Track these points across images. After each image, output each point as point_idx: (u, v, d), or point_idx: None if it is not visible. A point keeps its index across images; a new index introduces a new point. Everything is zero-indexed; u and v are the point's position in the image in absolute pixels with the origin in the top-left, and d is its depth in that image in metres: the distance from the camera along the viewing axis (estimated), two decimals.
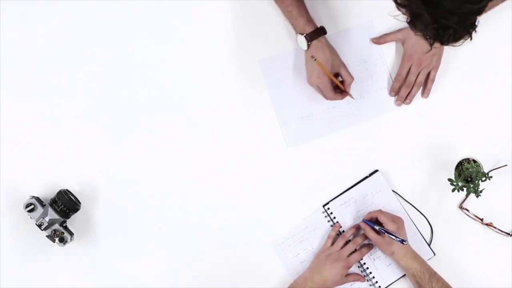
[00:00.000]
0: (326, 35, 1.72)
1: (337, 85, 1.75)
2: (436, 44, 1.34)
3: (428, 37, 1.31)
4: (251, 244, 1.80)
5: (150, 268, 1.79)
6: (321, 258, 1.75)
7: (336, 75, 1.74)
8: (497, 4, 1.73)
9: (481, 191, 1.67)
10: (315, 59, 1.69)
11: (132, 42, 1.81)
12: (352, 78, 1.74)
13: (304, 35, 1.69)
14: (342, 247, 1.75)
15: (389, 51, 1.81)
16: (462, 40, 1.31)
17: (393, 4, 1.35)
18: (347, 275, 1.75)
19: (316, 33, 1.70)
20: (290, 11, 1.71)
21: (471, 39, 1.31)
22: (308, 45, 1.70)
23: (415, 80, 1.78)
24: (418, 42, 1.74)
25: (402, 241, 1.68)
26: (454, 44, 1.32)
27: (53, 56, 1.80)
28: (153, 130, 1.80)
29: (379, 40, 1.80)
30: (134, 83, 1.81)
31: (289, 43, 1.77)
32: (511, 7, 1.77)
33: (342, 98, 1.76)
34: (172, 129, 1.80)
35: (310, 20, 1.71)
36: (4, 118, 1.79)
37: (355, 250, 1.76)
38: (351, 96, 1.76)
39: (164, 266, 1.79)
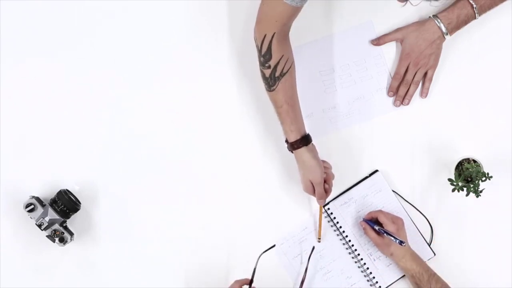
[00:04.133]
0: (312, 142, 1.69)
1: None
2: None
3: None
4: (251, 244, 1.79)
5: (150, 268, 1.79)
6: None
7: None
8: (496, 4, 1.74)
9: (481, 191, 1.67)
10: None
11: (133, 43, 1.81)
12: (323, 195, 1.71)
13: (288, 144, 1.68)
14: None
15: (389, 51, 1.81)
16: None
17: (393, 4, 1.36)
18: None
19: (299, 143, 1.66)
20: (279, 113, 1.66)
21: None
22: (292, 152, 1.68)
23: (413, 79, 1.78)
24: (416, 41, 1.75)
25: (400, 242, 1.68)
26: None
27: (52, 56, 1.80)
28: (153, 130, 1.80)
29: (378, 41, 1.80)
30: (134, 83, 1.81)
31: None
32: (511, 7, 1.77)
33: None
34: (172, 129, 1.80)
35: (294, 128, 1.65)
36: (4, 118, 1.80)
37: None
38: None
39: (163, 266, 1.79)
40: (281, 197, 1.80)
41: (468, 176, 1.70)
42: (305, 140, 1.67)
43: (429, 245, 1.79)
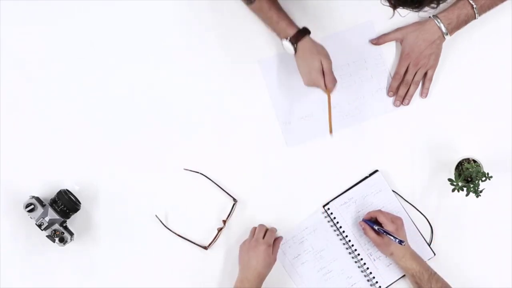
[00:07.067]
0: (310, 35, 1.69)
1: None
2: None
3: None
4: None
5: (150, 268, 1.79)
6: (243, 253, 1.73)
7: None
8: (496, 4, 1.74)
9: (481, 191, 1.67)
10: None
11: (132, 44, 1.81)
12: (335, 80, 1.71)
13: (289, 38, 1.67)
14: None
15: (389, 51, 1.81)
16: (426, 7, 1.31)
17: None
18: (273, 251, 1.72)
19: (300, 34, 1.68)
20: (270, 17, 1.69)
21: (437, 5, 1.30)
22: (295, 48, 1.68)
23: (413, 79, 1.78)
24: (416, 42, 1.75)
25: (400, 242, 1.68)
26: (416, 8, 1.31)
27: (52, 57, 1.80)
28: (153, 130, 1.80)
29: (378, 41, 1.80)
30: (134, 83, 1.81)
31: None
32: (511, 7, 1.77)
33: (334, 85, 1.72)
34: (173, 129, 1.80)
35: (291, 22, 1.69)
36: (4, 118, 1.80)
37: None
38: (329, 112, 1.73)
39: (164, 265, 1.79)
40: (282, 196, 1.80)
41: (468, 176, 1.70)
42: (305, 30, 1.69)
43: (429, 245, 1.79)
